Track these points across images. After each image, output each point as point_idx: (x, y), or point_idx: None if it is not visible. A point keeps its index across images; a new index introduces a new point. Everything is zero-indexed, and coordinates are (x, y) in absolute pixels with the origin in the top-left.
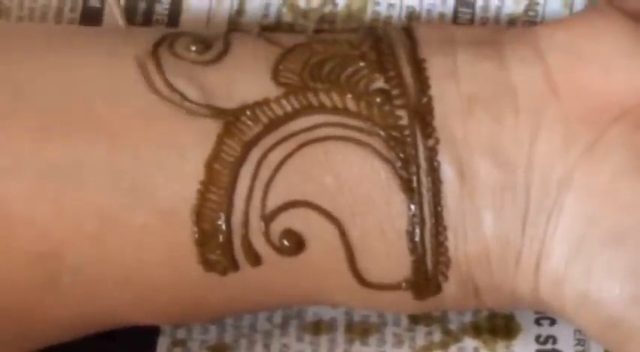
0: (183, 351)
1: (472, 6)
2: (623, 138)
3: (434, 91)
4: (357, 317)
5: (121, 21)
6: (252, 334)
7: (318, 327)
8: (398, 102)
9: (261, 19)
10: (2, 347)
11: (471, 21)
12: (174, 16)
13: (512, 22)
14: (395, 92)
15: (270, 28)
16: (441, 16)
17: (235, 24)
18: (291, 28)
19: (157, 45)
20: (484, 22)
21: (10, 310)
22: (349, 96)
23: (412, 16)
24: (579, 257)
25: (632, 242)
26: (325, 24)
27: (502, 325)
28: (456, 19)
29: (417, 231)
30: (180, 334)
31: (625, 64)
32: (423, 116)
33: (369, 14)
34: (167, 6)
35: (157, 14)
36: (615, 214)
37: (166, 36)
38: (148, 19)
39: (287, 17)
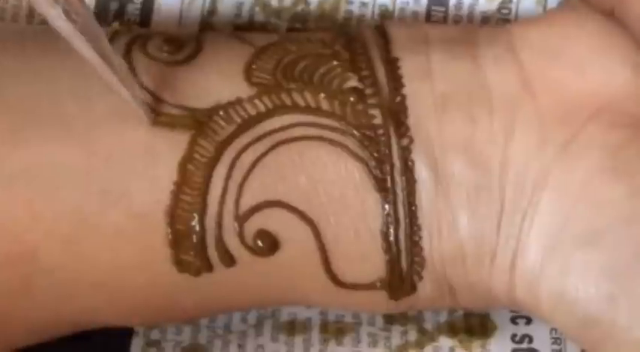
0: (157, 351)
1: (445, 4)
2: (598, 137)
3: (407, 90)
4: (331, 317)
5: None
6: (226, 334)
7: (292, 327)
8: (371, 101)
9: (234, 19)
10: None
11: (444, 19)
12: (145, 16)
13: (485, 20)
14: (368, 91)
15: (242, 28)
16: (414, 14)
17: (207, 24)
18: (263, 28)
19: (129, 45)
20: (457, 20)
21: None
22: (322, 95)
23: (385, 15)
24: (555, 256)
25: (608, 241)
26: (298, 23)
27: (478, 324)
28: (429, 17)
29: (392, 230)
30: (154, 335)
31: (598, 63)
32: (397, 115)
33: (341, 13)
34: (139, 6)
35: (129, 14)
36: (590, 214)
37: (138, 36)
38: (119, 19)
39: (259, 16)
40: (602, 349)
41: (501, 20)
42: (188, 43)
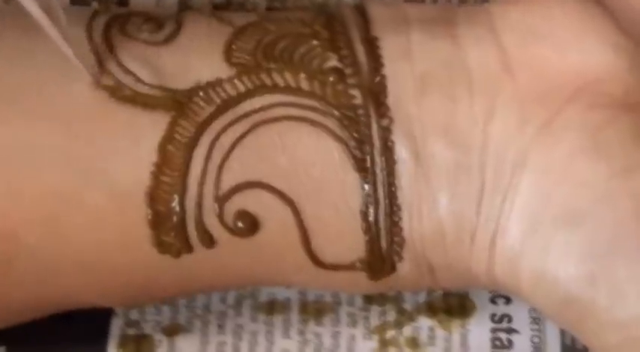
0: (137, 332)
1: None
2: (578, 117)
3: (387, 70)
4: (311, 297)
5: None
6: (205, 315)
7: (272, 307)
8: (351, 81)
9: None
10: None
11: None
12: None
13: None
14: (348, 71)
15: (221, 7)
16: None
17: (185, 3)
18: (242, 7)
19: (108, 25)
20: None
21: None
22: (302, 75)
23: None
24: (535, 236)
25: (588, 222)
26: (277, 1)
27: (457, 304)
28: None
29: (371, 210)
30: (134, 315)
31: (578, 43)
32: (377, 95)
33: None
34: None
35: None
36: (570, 194)
37: (117, 16)
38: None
39: None
40: (581, 328)
41: None
42: (167, 22)
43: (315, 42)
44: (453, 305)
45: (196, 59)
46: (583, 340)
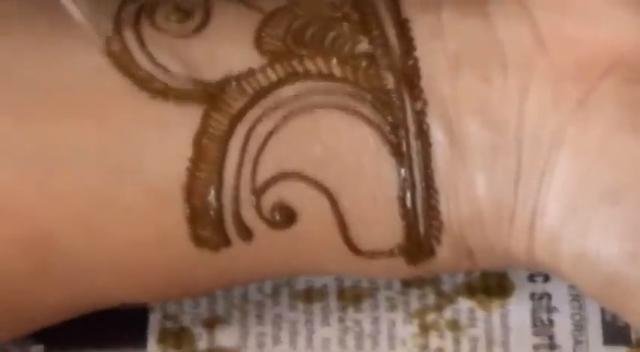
0: (175, 326)
1: None
2: (614, 92)
3: (419, 52)
4: (348, 283)
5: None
6: (243, 305)
7: (309, 295)
8: (383, 64)
9: None
10: None
11: None
12: None
13: None
14: (380, 54)
15: None
16: None
17: None
18: None
19: (137, 16)
20: None
21: (2, 296)
22: (334, 60)
23: None
24: (575, 215)
25: (629, 199)
26: None
27: (495, 284)
28: None
29: (408, 195)
30: (171, 309)
31: (612, 16)
32: (410, 78)
33: None
34: None
35: None
36: (610, 171)
37: (145, 5)
38: None
39: None
40: (624, 308)
41: None
42: (196, 11)
43: (345, 25)
44: (492, 285)
45: (226, 49)
46: (626, 319)
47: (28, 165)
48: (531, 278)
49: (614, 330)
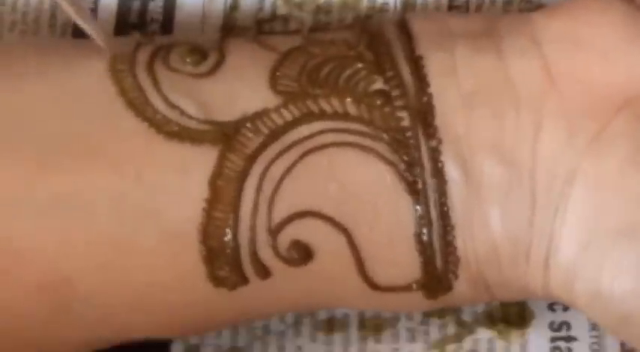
0: None
1: None
2: (627, 128)
3: (433, 89)
4: (369, 313)
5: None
6: (265, 336)
7: (331, 325)
8: (398, 103)
9: (257, 13)
10: None
11: (467, 4)
12: (168, 14)
13: (508, 3)
14: (395, 93)
15: (265, 21)
16: (437, 0)
17: (230, 19)
18: (286, 21)
19: (151, 58)
20: (480, 4)
21: (23, 337)
22: (349, 100)
23: (408, 2)
24: (589, 252)
25: None
26: (321, 14)
27: (515, 313)
28: (451, 2)
29: (425, 232)
30: (194, 339)
31: (625, 52)
32: (425, 116)
33: (364, 2)
34: (161, 4)
35: (152, 12)
36: (624, 207)
37: (160, 48)
38: (142, 18)
39: (282, 10)
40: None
41: (524, 2)
42: (211, 52)
43: (360, 65)
44: (512, 314)
45: (242, 89)
46: None
47: (46, 212)
48: (551, 307)
49: None
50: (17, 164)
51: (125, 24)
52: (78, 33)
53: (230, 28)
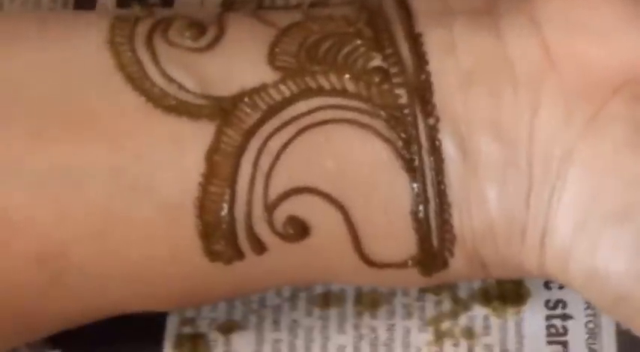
0: (193, 330)
1: None
2: (625, 110)
3: (432, 67)
4: (365, 288)
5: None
6: (261, 310)
7: (326, 299)
8: (397, 80)
9: None
10: (13, 336)
11: None
12: None
13: None
14: (393, 70)
15: None
16: None
17: None
18: None
19: (150, 32)
20: None
21: (17, 307)
22: (347, 76)
23: None
24: (584, 232)
25: (638, 217)
26: None
27: (511, 290)
28: None
29: (421, 209)
30: (189, 312)
31: (623, 33)
32: (423, 94)
33: None
34: None
35: None
36: (619, 189)
37: (159, 21)
38: None
39: None
40: (635, 323)
41: None
42: (210, 27)
43: (358, 41)
44: (508, 291)
45: (240, 64)
46: (638, 333)
47: (41, 183)
48: (547, 285)
49: (628, 339)
50: (12, 133)
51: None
52: (79, 5)
53: (230, 2)
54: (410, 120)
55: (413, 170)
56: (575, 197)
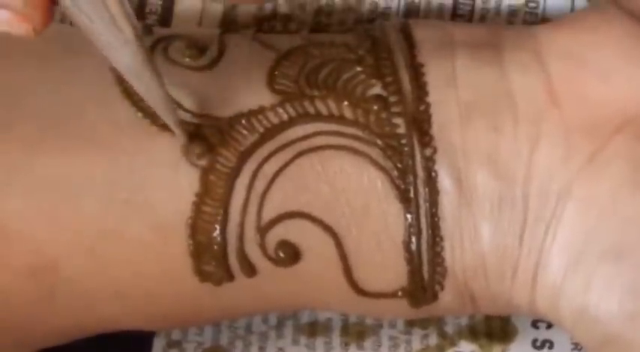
0: None
1: None
2: (625, 150)
3: (432, 98)
4: (352, 319)
5: None
6: (247, 336)
7: (313, 329)
8: (395, 109)
9: (257, 12)
10: (5, 351)
11: (471, 12)
12: (167, 8)
13: (513, 13)
14: (392, 99)
15: (265, 19)
16: (441, 7)
17: (230, 15)
18: (287, 20)
19: (151, 49)
20: (484, 14)
21: (7, 320)
22: (346, 103)
23: (411, 8)
24: (577, 271)
25: (632, 258)
26: (322, 16)
27: (499, 328)
28: (455, 10)
29: (414, 241)
30: (176, 335)
31: (627, 72)
32: (421, 124)
33: (366, 5)
34: (160, 1)
35: (150, 5)
36: (615, 229)
37: (159, 39)
38: (140, 10)
39: (283, 8)
40: None
41: (529, 14)
42: (210, 46)
43: (359, 68)
44: (495, 329)
45: (239, 86)
46: None
47: (36, 194)
48: (534, 324)
49: None
50: (8, 143)
51: None
52: None
53: (229, 24)
54: (407, 151)
55: (407, 200)
56: (570, 234)
